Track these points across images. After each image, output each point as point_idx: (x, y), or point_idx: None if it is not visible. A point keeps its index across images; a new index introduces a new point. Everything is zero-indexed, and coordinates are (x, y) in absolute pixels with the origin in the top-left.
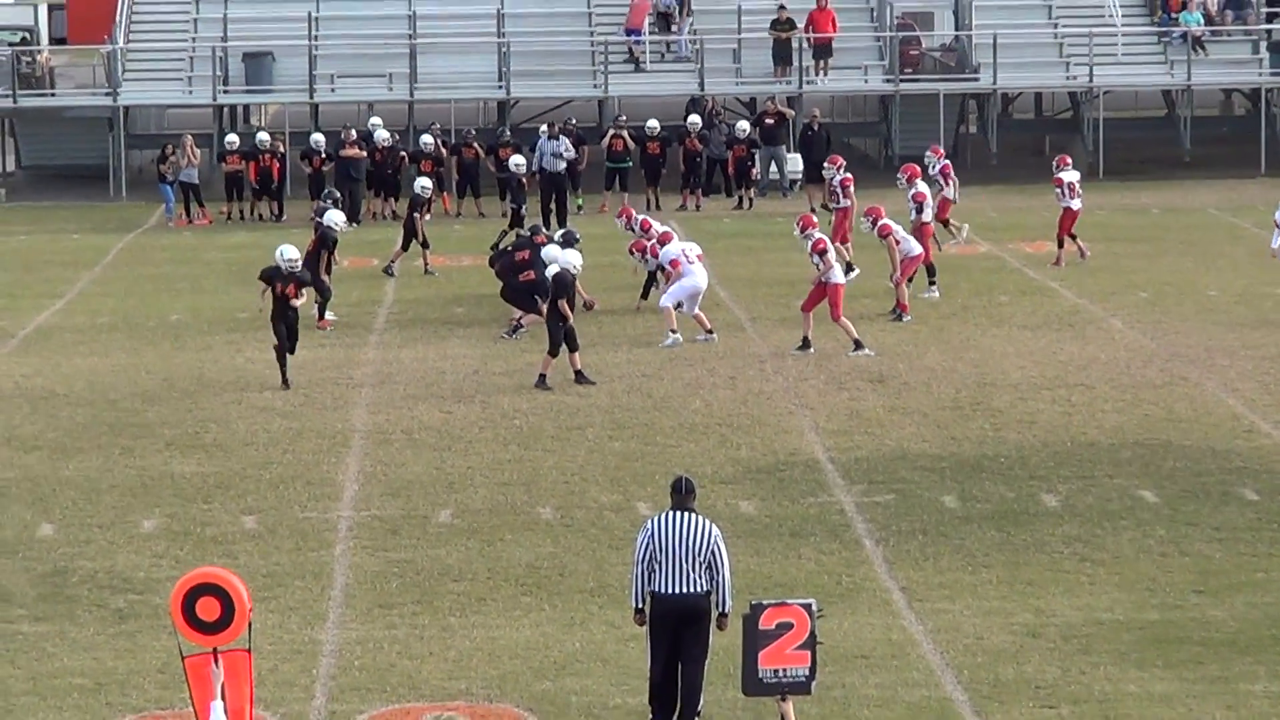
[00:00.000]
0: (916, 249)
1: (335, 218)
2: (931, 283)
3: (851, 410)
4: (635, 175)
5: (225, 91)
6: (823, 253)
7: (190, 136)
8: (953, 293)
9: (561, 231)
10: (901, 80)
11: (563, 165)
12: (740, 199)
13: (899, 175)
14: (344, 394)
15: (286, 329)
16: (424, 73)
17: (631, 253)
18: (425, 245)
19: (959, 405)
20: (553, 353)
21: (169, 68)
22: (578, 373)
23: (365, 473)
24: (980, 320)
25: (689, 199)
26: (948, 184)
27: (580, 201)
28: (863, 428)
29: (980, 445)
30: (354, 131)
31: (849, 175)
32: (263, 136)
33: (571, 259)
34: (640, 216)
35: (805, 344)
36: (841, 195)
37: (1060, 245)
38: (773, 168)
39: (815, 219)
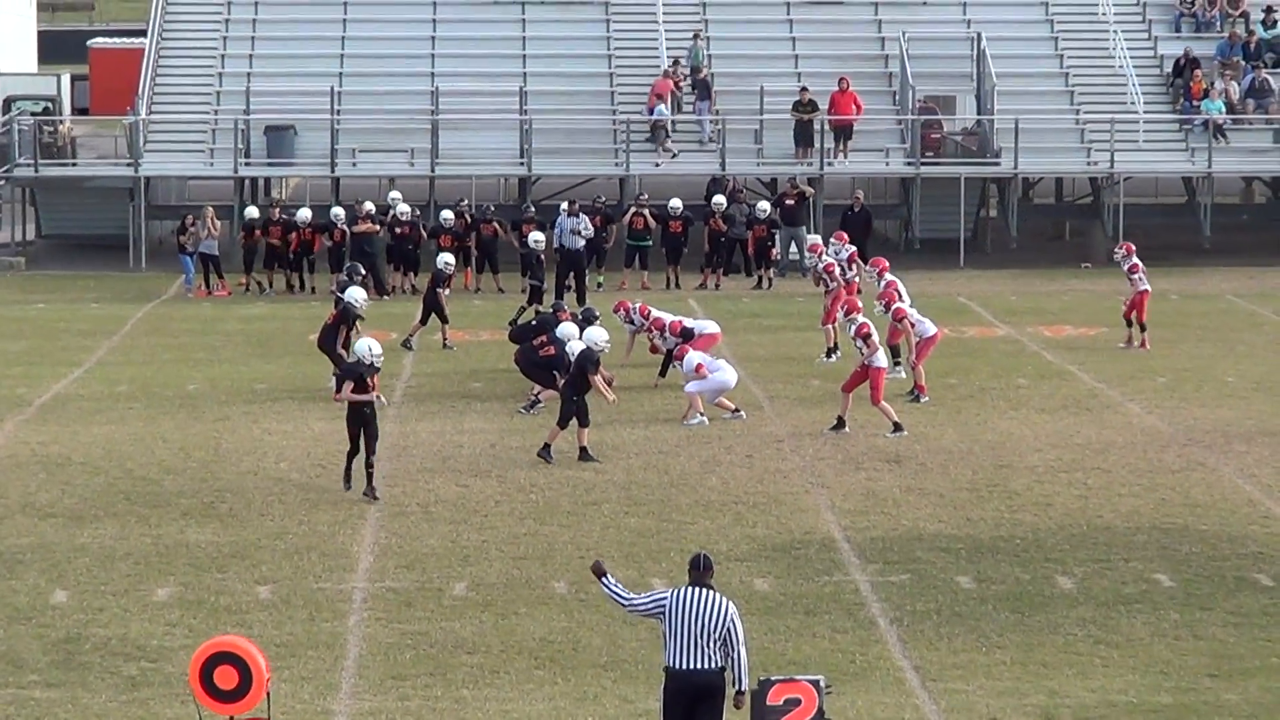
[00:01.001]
0: (931, 329)
1: (356, 294)
2: (896, 364)
3: (868, 490)
4: (656, 253)
5: (246, 164)
6: (866, 337)
7: (211, 208)
8: (971, 375)
9: (582, 309)
10: (923, 163)
11: (581, 243)
12: (760, 279)
13: (869, 267)
14: (360, 466)
15: (364, 429)
16: (445, 148)
17: (649, 331)
18: (445, 320)
19: (975, 487)
20: (562, 424)
21: (191, 139)
22: (582, 449)
23: (380, 544)
24: (998, 402)
25: (709, 278)
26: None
27: (601, 279)
28: (879, 507)
29: (996, 527)
30: (368, 205)
31: (831, 262)
32: (305, 212)
33: (598, 336)
34: (637, 304)
35: (840, 424)
36: (829, 279)
37: (1143, 327)
38: (792, 248)
39: (860, 303)
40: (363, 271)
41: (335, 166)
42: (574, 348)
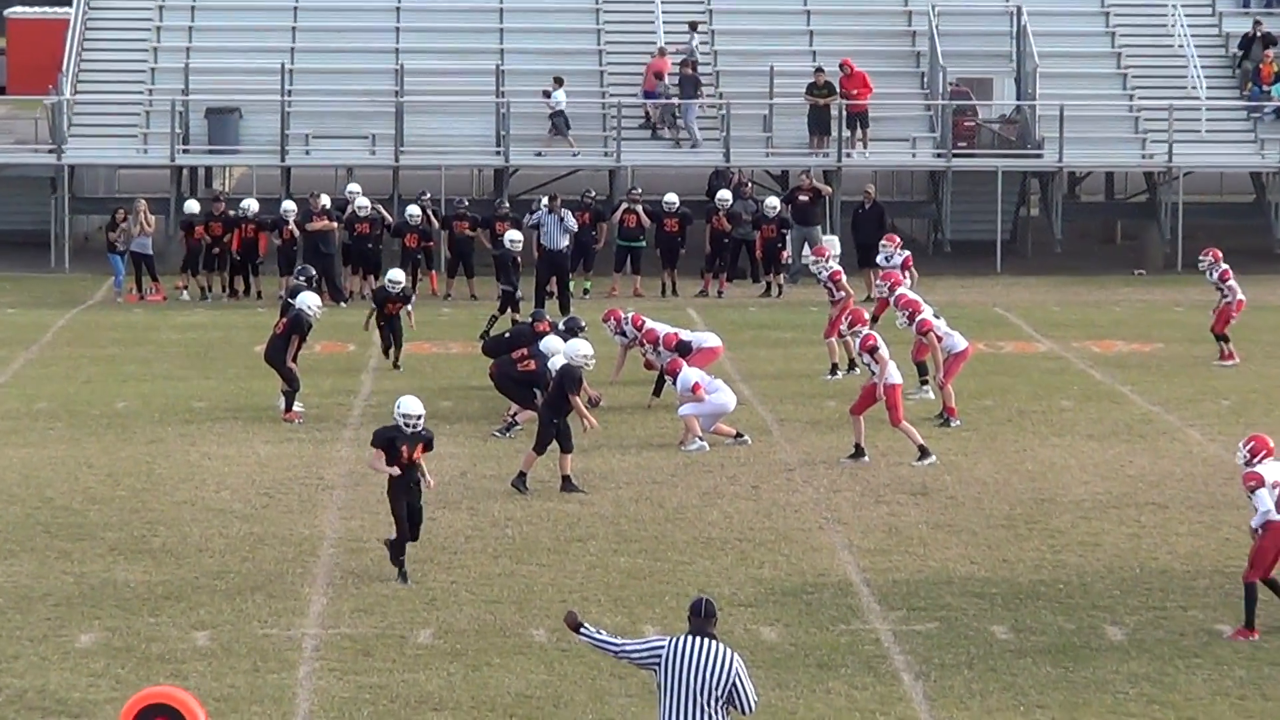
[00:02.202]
0: (962, 344)
1: (309, 300)
2: (923, 383)
3: (890, 526)
4: (650, 256)
5: (185, 151)
6: (873, 350)
7: (144, 201)
8: (1008, 396)
9: (564, 319)
10: (954, 155)
11: (566, 241)
12: (768, 285)
13: (879, 283)
14: (312, 496)
15: (410, 508)
16: (411, 135)
17: (641, 344)
18: (397, 343)
19: (1013, 524)
20: (539, 450)
21: (121, 123)
22: (565, 478)
23: (335, 585)
24: (1039, 428)
25: (711, 284)
26: (913, 275)
27: (589, 284)
28: (903, 546)
29: (1036, 569)
30: (323, 199)
31: (838, 270)
32: (250, 203)
33: (581, 349)
34: (629, 314)
35: (858, 452)
36: (835, 289)
37: (1223, 339)
38: (805, 250)
39: (866, 314)
40: (314, 274)
41: (285, 155)
42: (556, 363)
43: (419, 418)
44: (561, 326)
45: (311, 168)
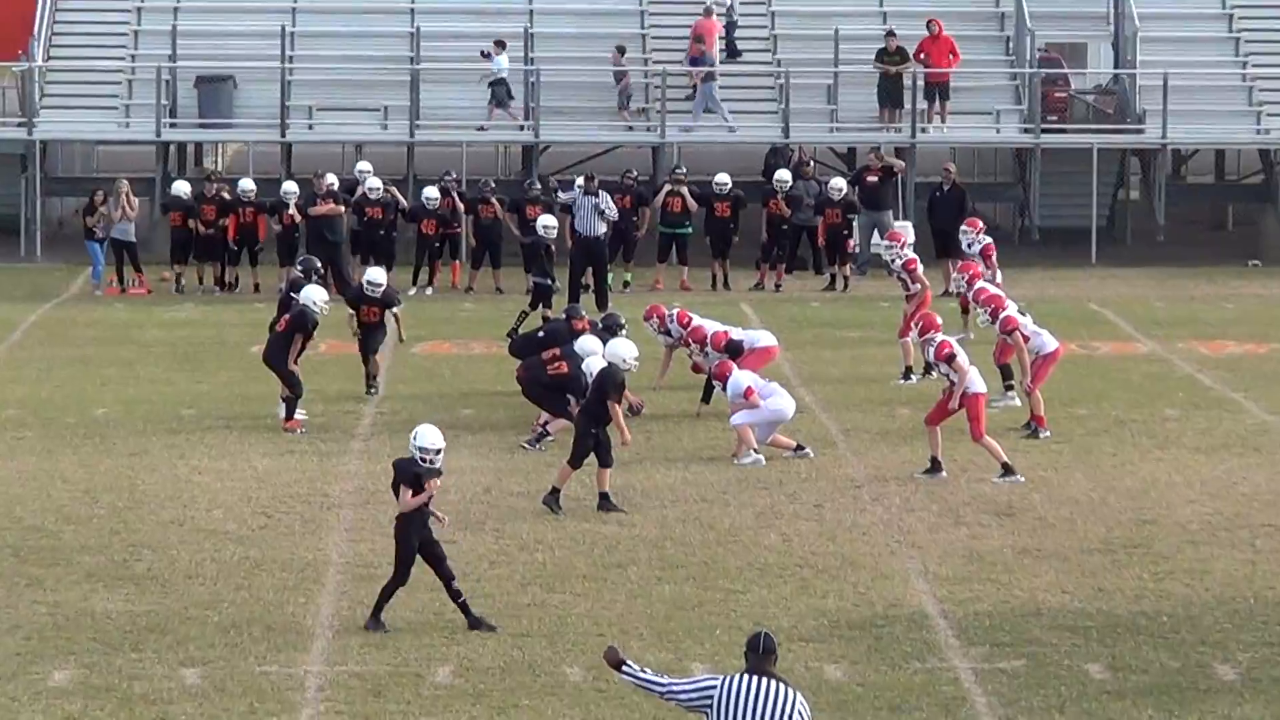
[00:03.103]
0: (1051, 344)
1: (315, 295)
2: (1009, 388)
3: (971, 551)
4: (699, 243)
5: (172, 125)
6: (950, 359)
7: (127, 182)
8: (1104, 403)
9: (602, 315)
10: (1044, 130)
11: (603, 228)
12: (833, 277)
13: (957, 276)
14: (317, 516)
15: (425, 545)
16: (428, 107)
17: (687, 343)
18: (366, 359)
19: (1110, 548)
20: (574, 464)
21: (100, 93)
22: (603, 496)
23: (342, 617)
24: (1140, 440)
25: (768, 276)
26: (991, 266)
27: (629, 276)
28: (985, 574)
29: (1137, 600)
30: (329, 179)
31: (913, 258)
32: (246, 184)
33: (625, 351)
34: (674, 310)
35: (935, 466)
36: (910, 280)
37: None
38: (875, 238)
39: (939, 319)
40: (319, 265)
41: (286, 130)
42: (593, 365)
43: (438, 453)
44: (599, 324)
45: (316, 144)
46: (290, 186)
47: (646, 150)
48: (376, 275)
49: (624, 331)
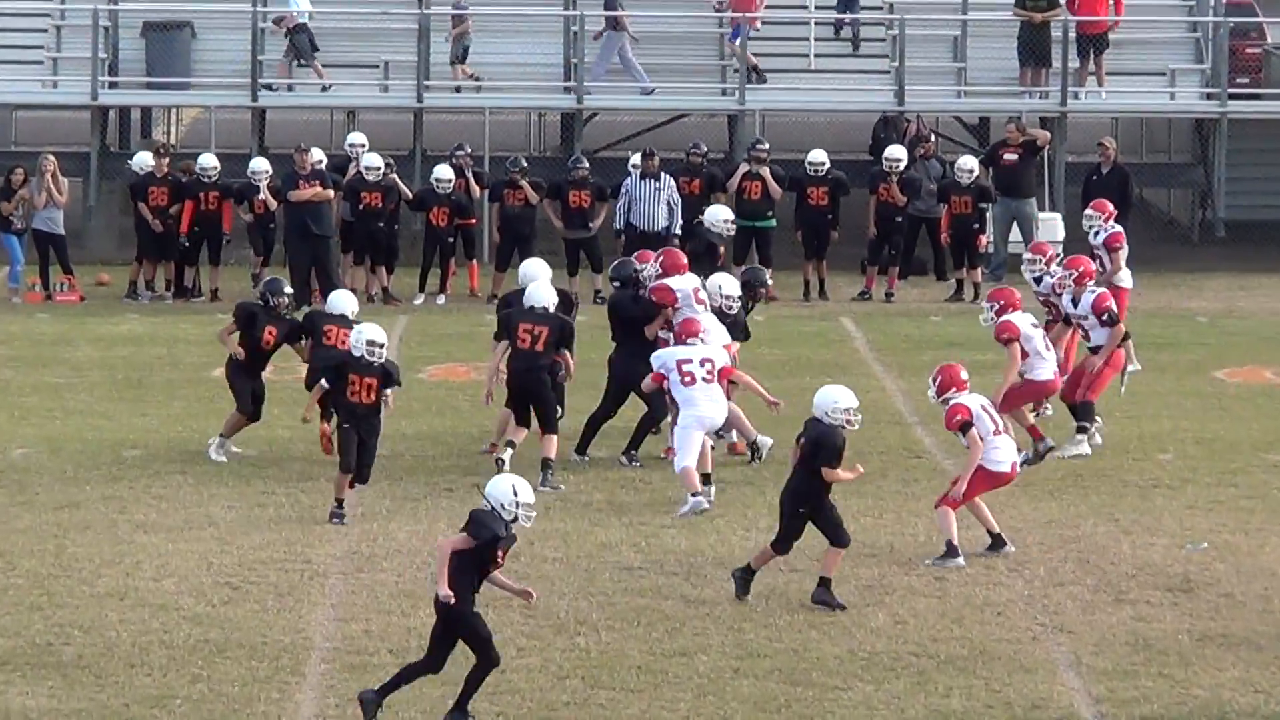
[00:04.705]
0: (1046, 374)
1: (342, 303)
2: (1080, 429)
3: (1137, 637)
4: (786, 240)
5: (112, 85)
6: (964, 428)
7: (53, 159)
8: None
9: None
10: (1231, 96)
11: (664, 222)
12: (959, 284)
13: (1064, 270)
14: (296, 587)
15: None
16: (442, 63)
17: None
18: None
19: None
20: (779, 547)
21: (20, 44)
22: (823, 581)
23: (327, 718)
24: None
25: (876, 281)
26: (1114, 262)
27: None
28: (1155, 667)
29: None
30: (314, 155)
31: (1062, 275)
32: (208, 160)
33: (840, 398)
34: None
35: (996, 542)
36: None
37: None
38: (1014, 233)
39: (963, 373)
40: (286, 292)
41: (258, 92)
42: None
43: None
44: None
45: (297, 110)
46: (261, 164)
47: (721, 120)
48: (376, 334)
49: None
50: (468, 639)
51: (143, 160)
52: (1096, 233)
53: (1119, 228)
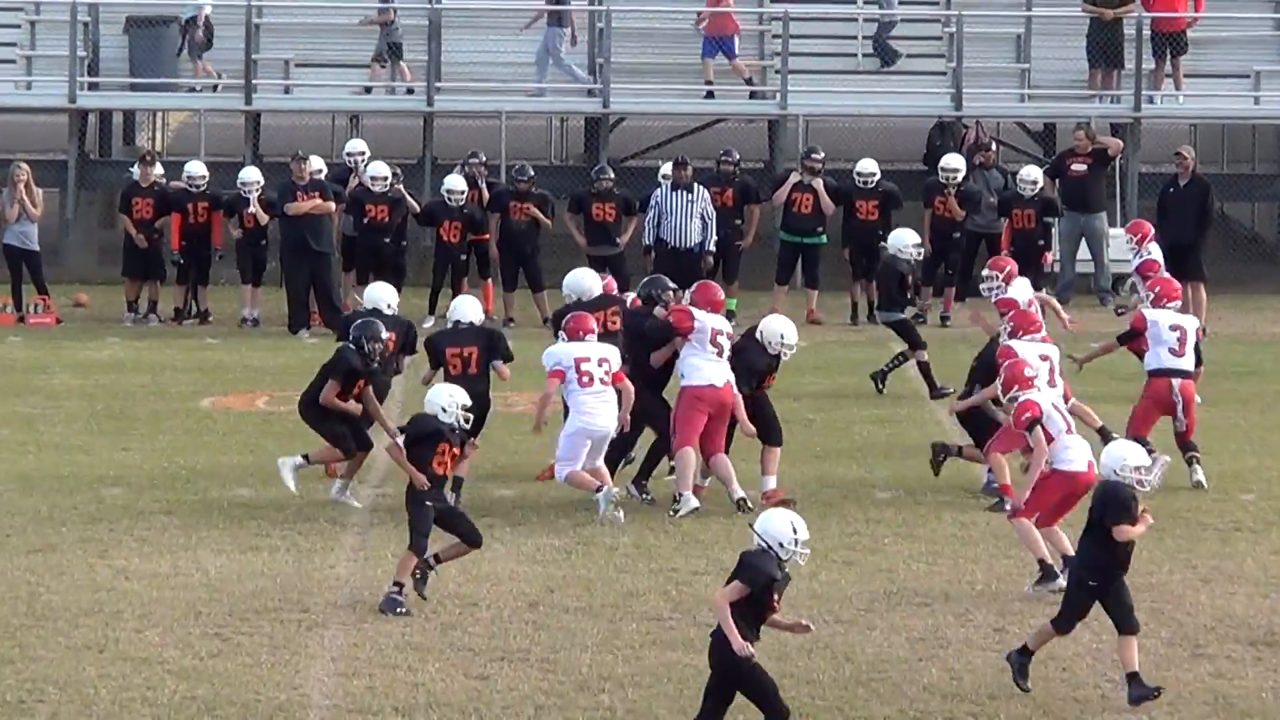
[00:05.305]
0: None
1: (380, 294)
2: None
3: (1216, 695)
4: (834, 257)
5: (92, 87)
6: (1032, 424)
7: (27, 168)
8: None
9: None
10: None
11: (698, 237)
12: None
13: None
14: (293, 639)
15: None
16: (452, 64)
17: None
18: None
19: None
20: (1060, 627)
21: None
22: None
23: None
24: None
25: (931, 302)
26: (1149, 288)
27: (734, 304)
28: None
29: None
30: (313, 164)
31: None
32: (196, 168)
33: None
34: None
35: (1045, 574)
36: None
37: None
38: (1083, 251)
39: (1028, 368)
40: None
41: (253, 94)
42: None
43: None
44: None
45: (293, 114)
46: (251, 174)
47: (761, 125)
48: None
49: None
50: (752, 693)
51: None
52: (1138, 253)
53: (1157, 253)
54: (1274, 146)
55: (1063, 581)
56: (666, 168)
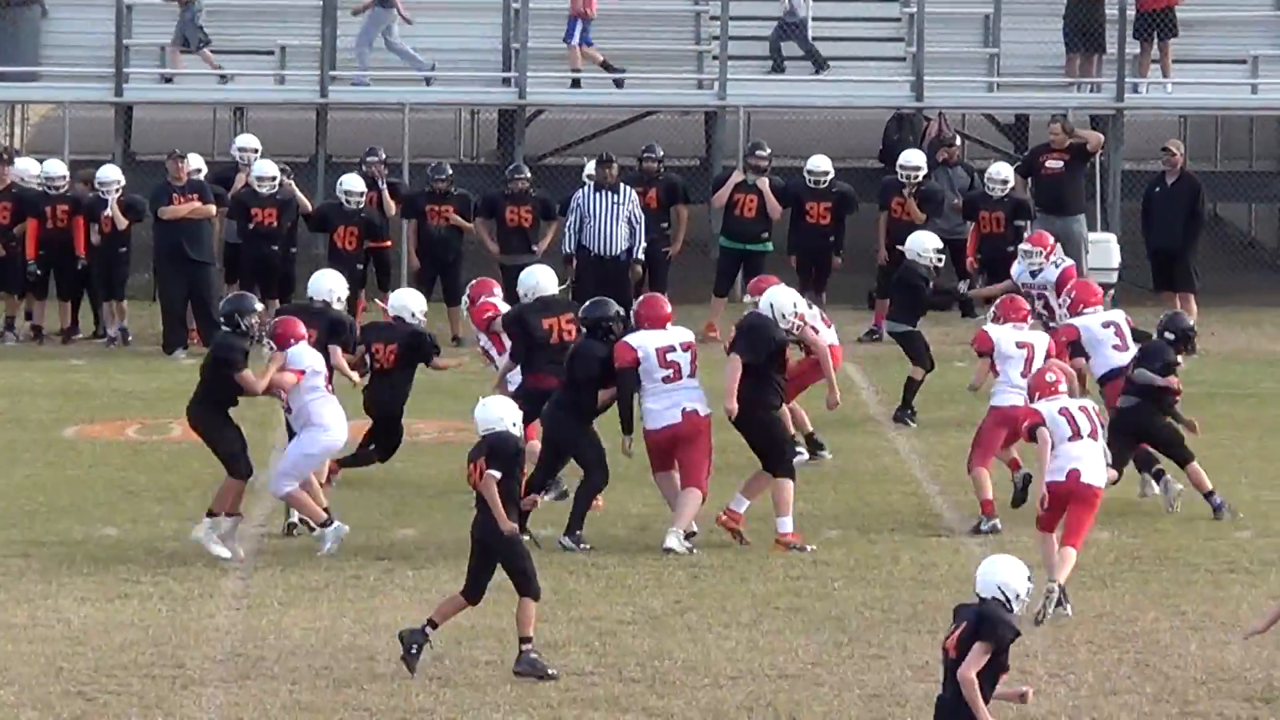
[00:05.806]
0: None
1: (409, 302)
2: (1157, 475)
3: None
4: (780, 265)
5: None
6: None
7: None
8: None
9: None
10: None
11: (625, 244)
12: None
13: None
14: (166, 698)
15: None
16: (350, 49)
17: None
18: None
19: None
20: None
21: None
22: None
23: None
24: None
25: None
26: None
27: None
28: None
29: None
30: (191, 163)
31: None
32: (55, 167)
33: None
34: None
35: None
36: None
37: None
38: (1059, 254)
39: (1052, 376)
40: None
41: (124, 84)
42: None
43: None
44: None
45: (171, 106)
46: (110, 173)
47: (697, 118)
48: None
49: None
50: None
51: (25, 168)
52: (1034, 270)
53: (1068, 261)
54: (1273, 141)
55: (1069, 612)
56: (590, 166)
